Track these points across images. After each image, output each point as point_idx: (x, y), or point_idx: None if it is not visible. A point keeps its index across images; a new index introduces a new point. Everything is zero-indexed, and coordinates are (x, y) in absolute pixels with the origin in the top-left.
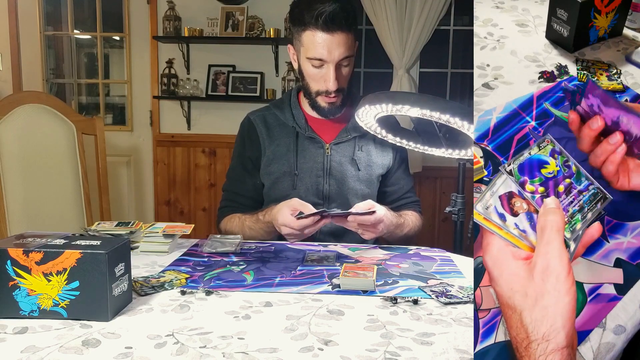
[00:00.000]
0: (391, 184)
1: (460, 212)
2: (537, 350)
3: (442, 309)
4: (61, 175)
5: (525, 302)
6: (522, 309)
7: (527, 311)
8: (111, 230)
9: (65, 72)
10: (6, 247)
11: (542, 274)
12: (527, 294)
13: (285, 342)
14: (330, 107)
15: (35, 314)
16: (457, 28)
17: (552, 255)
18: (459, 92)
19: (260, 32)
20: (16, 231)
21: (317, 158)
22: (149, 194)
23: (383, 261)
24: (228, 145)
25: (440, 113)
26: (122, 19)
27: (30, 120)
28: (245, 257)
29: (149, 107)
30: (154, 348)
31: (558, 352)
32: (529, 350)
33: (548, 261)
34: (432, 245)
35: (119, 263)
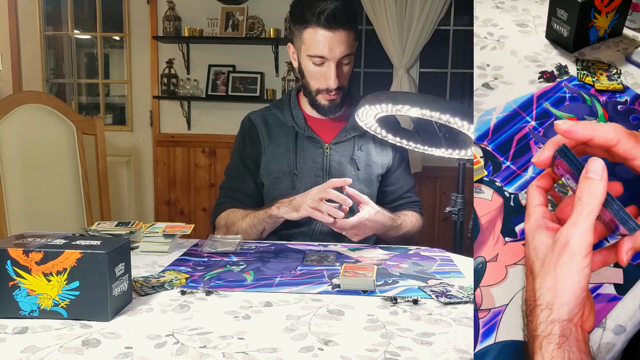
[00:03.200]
0: (390, 184)
1: (460, 212)
2: (540, 316)
3: (442, 309)
4: (61, 175)
5: (540, 270)
6: (536, 274)
7: (539, 278)
8: (111, 230)
9: (65, 72)
10: (6, 247)
11: (560, 249)
12: (544, 262)
13: (285, 342)
14: (331, 104)
15: (35, 314)
16: (457, 28)
17: (573, 237)
18: (459, 92)
19: (260, 32)
20: (16, 231)
21: (317, 158)
22: (149, 194)
23: (383, 261)
24: (228, 145)
25: (440, 113)
26: (122, 19)
27: (30, 120)
28: (245, 257)
29: (149, 107)
30: (154, 348)
31: (557, 323)
32: (534, 313)
33: (568, 240)
34: (432, 245)
35: (119, 263)
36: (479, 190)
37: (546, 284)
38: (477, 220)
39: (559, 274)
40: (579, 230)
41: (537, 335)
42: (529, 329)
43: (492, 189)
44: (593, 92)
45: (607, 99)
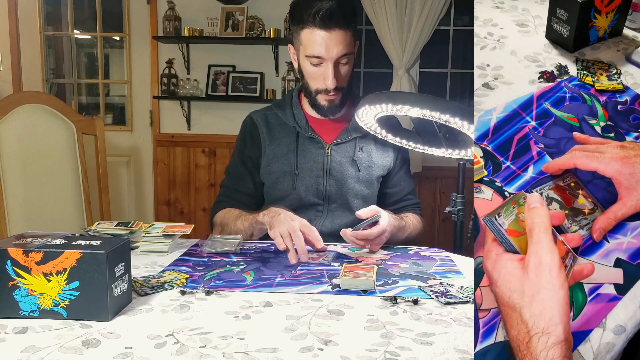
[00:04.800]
0: (392, 186)
1: (460, 212)
2: (538, 345)
3: (442, 309)
4: (61, 175)
5: (523, 299)
6: (520, 306)
7: (525, 307)
8: (111, 230)
9: (65, 72)
10: (6, 247)
11: (536, 270)
12: (524, 291)
13: (285, 342)
14: (330, 105)
15: (35, 314)
16: (457, 28)
17: (542, 252)
18: (459, 92)
19: (260, 32)
20: (16, 231)
21: (317, 158)
22: (149, 194)
23: (383, 261)
24: (228, 145)
25: (440, 113)
26: (122, 19)
27: (30, 120)
28: (245, 257)
29: (149, 107)
30: (154, 348)
31: (558, 346)
32: (530, 346)
33: (540, 258)
34: (432, 245)
35: (119, 263)
36: (479, 190)
37: (535, 310)
38: (477, 220)
39: (545, 295)
40: (545, 246)
41: None
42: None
43: (492, 189)
44: (593, 92)
45: (607, 99)
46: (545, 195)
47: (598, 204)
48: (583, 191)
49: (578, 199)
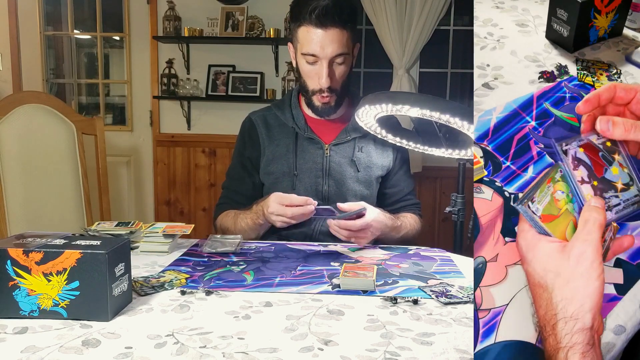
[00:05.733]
0: (391, 186)
1: (460, 212)
2: (564, 329)
3: (442, 309)
4: (61, 175)
5: (557, 281)
6: (553, 287)
7: (558, 290)
8: (111, 230)
9: (65, 72)
10: (6, 247)
11: (578, 258)
12: (559, 273)
13: (285, 342)
14: (324, 106)
15: (35, 314)
16: (457, 28)
17: (590, 244)
18: (459, 92)
19: (260, 32)
20: (16, 231)
21: (316, 159)
22: (149, 194)
23: (383, 261)
24: (228, 145)
25: (440, 113)
26: (122, 19)
27: (30, 120)
28: (245, 257)
29: (149, 107)
30: (154, 348)
31: (583, 332)
32: (555, 328)
33: (586, 248)
34: (432, 245)
35: (119, 263)
36: (479, 190)
37: (566, 294)
38: (477, 220)
39: (580, 282)
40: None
41: (561, 347)
42: (549, 343)
43: (492, 189)
44: None
45: None
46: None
47: (635, 178)
48: (619, 156)
49: (612, 167)
